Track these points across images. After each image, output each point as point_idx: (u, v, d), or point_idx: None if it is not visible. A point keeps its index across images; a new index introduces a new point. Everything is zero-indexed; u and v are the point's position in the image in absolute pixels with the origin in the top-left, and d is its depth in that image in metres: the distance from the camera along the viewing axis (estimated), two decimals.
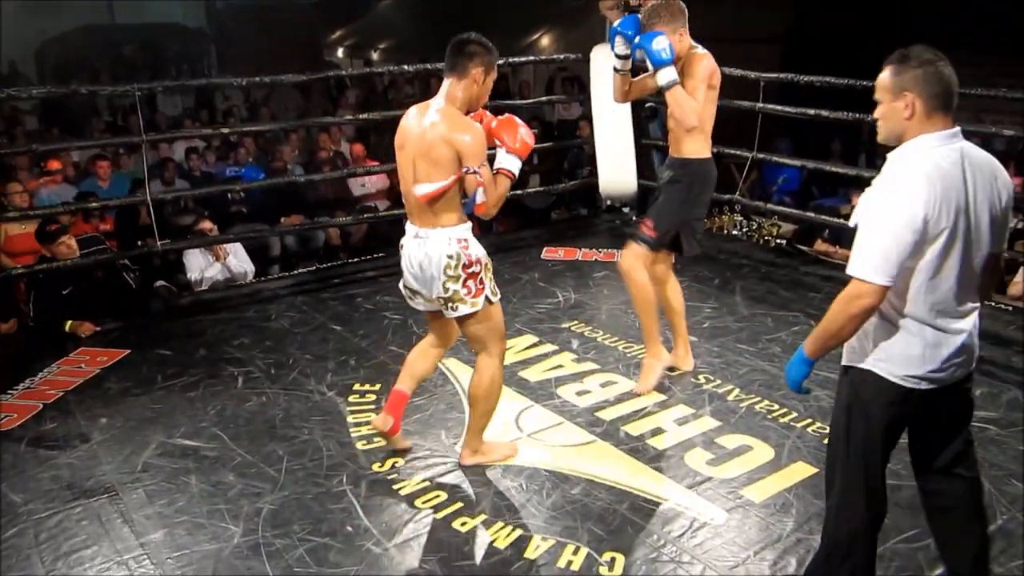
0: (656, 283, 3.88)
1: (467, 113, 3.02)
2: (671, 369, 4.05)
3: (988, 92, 4.89)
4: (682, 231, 3.79)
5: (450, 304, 3.02)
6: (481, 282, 3.02)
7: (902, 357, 2.18)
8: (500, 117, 3.09)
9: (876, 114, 2.18)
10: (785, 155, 7.06)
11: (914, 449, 2.38)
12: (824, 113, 5.42)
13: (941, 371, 2.18)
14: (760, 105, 5.69)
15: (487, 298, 3.05)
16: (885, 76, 2.13)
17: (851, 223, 2.19)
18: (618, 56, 3.66)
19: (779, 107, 5.81)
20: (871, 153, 8.54)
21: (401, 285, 3.20)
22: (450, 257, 2.97)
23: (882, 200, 2.09)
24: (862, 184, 6.36)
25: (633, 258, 3.76)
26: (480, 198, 2.93)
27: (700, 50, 3.60)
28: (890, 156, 2.15)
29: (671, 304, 3.99)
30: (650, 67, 3.48)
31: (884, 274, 2.07)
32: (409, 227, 3.07)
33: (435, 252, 2.98)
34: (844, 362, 2.29)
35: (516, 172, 3.02)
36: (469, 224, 3.06)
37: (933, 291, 2.14)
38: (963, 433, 2.33)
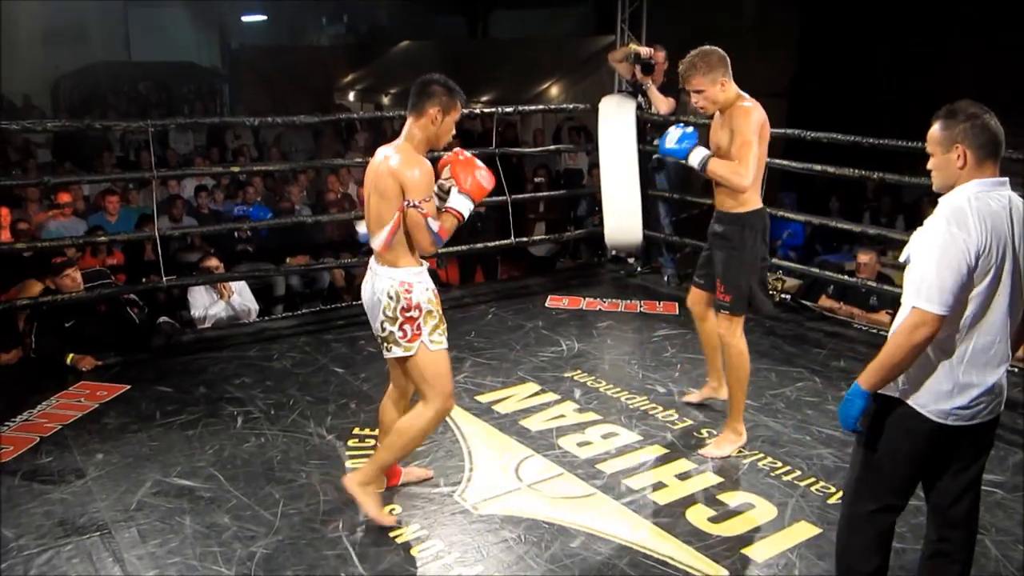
0: (699, 319, 3.98)
1: (428, 152, 3.06)
2: (701, 404, 4.18)
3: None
4: (753, 286, 3.70)
5: (385, 344, 3.05)
6: (418, 328, 2.99)
7: (933, 391, 2.27)
8: (462, 157, 3.11)
9: (930, 165, 2.32)
10: (790, 210, 7.09)
11: (930, 490, 2.42)
12: (830, 169, 5.45)
13: (967, 408, 2.27)
14: (767, 160, 5.72)
15: (423, 344, 3.01)
16: (936, 130, 2.28)
17: (901, 259, 2.34)
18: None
19: (786, 162, 5.85)
20: (875, 211, 8.59)
21: None
22: (390, 297, 2.99)
23: (939, 234, 2.20)
24: (867, 240, 6.39)
25: (726, 327, 3.72)
26: (434, 226, 2.94)
27: (747, 102, 3.52)
28: (941, 200, 2.28)
29: (711, 340, 4.00)
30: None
31: (942, 304, 2.17)
32: (371, 259, 3.12)
33: (378, 289, 3.03)
34: (879, 391, 2.33)
35: (464, 213, 3.03)
36: (421, 267, 3.06)
37: (974, 329, 2.25)
38: (977, 483, 2.39)
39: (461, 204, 3.03)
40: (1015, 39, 9.12)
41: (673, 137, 3.52)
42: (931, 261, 2.19)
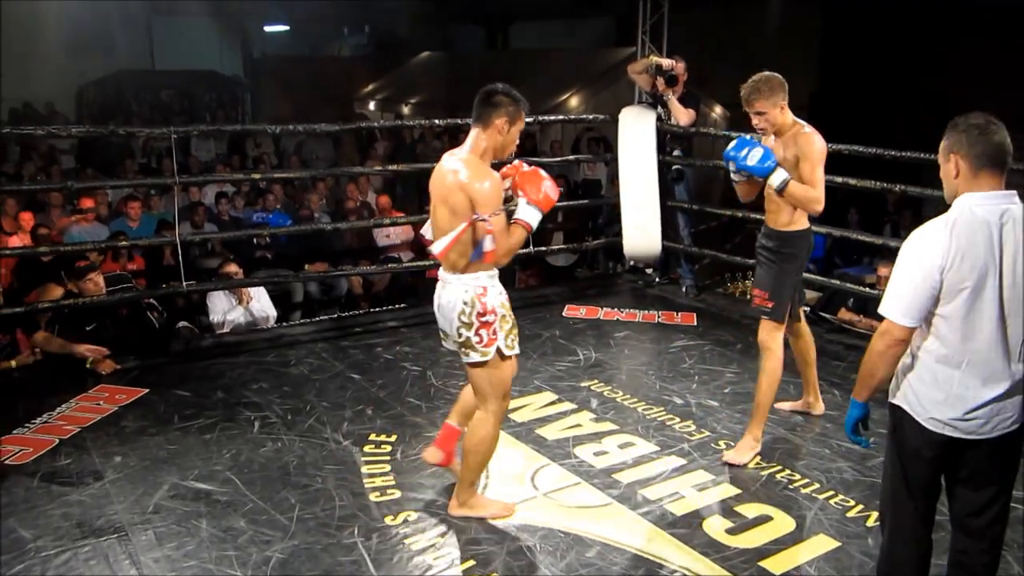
0: (791, 336, 4.03)
1: (493, 162, 3.05)
2: (804, 414, 4.21)
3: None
4: (794, 297, 3.90)
5: (463, 349, 3.07)
6: (494, 332, 3.03)
7: (927, 400, 2.30)
8: (526, 169, 3.10)
9: (941, 176, 2.31)
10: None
11: (950, 500, 2.41)
12: (852, 181, 5.41)
13: (965, 421, 2.27)
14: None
15: (499, 350, 3.05)
16: (942, 141, 2.28)
17: None
18: (733, 173, 3.77)
19: None
20: (896, 224, 8.53)
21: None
22: (465, 304, 3.00)
23: (907, 247, 2.26)
24: (887, 253, 6.34)
25: (768, 332, 3.81)
26: (488, 246, 2.92)
27: (808, 128, 3.66)
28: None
29: (805, 356, 4.12)
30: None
31: (904, 315, 2.24)
32: (440, 271, 3.13)
33: (453, 297, 3.03)
34: (889, 399, 2.41)
35: (534, 224, 3.02)
36: (493, 272, 3.06)
37: (964, 344, 2.24)
38: (1000, 499, 2.35)
39: (531, 216, 3.01)
40: None
41: (755, 155, 3.57)
42: (897, 274, 2.26)
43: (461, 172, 2.96)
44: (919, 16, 10.66)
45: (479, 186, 2.92)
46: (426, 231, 3.22)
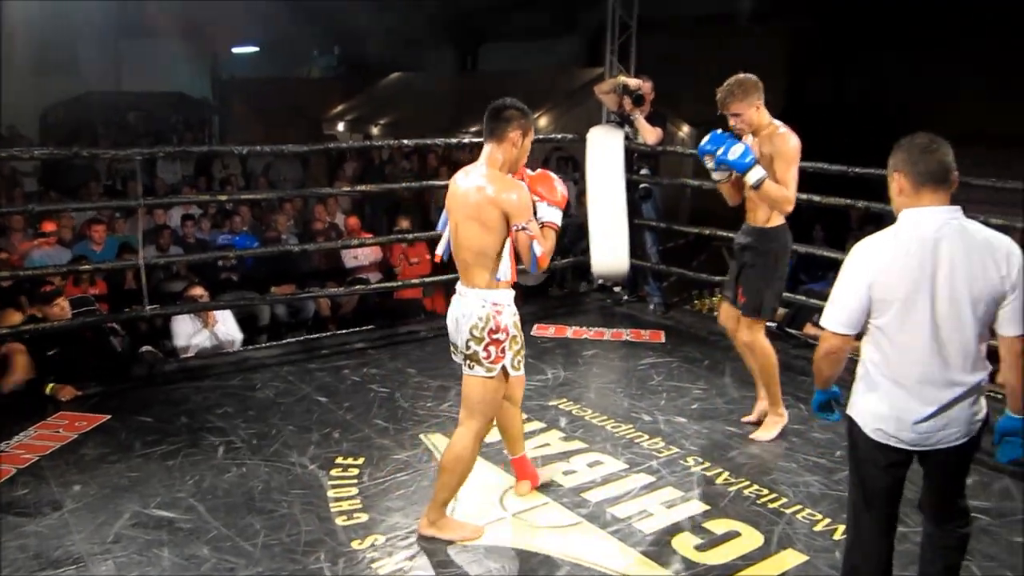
0: (732, 335, 4.22)
1: (508, 174, 3.11)
2: (758, 423, 4.26)
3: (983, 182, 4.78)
4: (772, 293, 4.04)
5: (468, 362, 3.09)
6: (503, 351, 3.06)
7: (871, 413, 2.40)
8: (533, 173, 3.20)
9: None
10: None
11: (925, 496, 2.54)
12: (816, 198, 5.48)
13: (910, 433, 2.35)
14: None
15: (504, 368, 3.09)
16: (888, 160, 2.39)
17: None
18: (713, 170, 3.88)
19: None
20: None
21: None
22: (479, 319, 3.04)
23: (848, 258, 2.39)
24: None
25: (751, 330, 4.04)
26: (539, 251, 3.00)
27: (783, 128, 3.78)
28: None
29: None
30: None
31: (839, 324, 2.37)
32: (458, 284, 3.18)
33: (468, 310, 3.08)
34: (847, 410, 2.52)
35: (559, 223, 3.12)
36: (510, 292, 3.12)
37: (902, 357, 2.33)
38: (954, 494, 2.49)
39: (556, 216, 3.11)
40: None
41: (736, 150, 3.65)
42: (838, 282, 2.39)
43: (488, 187, 3.00)
44: (886, 37, 10.87)
45: (511, 197, 2.97)
46: (442, 249, 3.33)
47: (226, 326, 5.84)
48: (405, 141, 7.08)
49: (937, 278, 2.26)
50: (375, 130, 15.89)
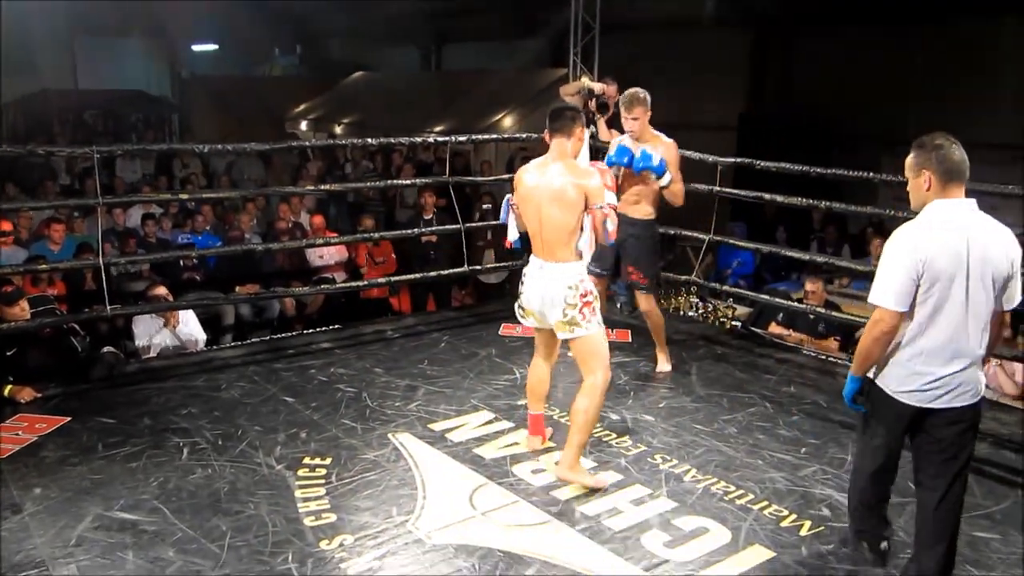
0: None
1: None
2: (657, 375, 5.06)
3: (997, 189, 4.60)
4: (657, 270, 5.07)
5: (570, 327, 3.57)
6: (594, 310, 3.58)
7: (903, 377, 2.74)
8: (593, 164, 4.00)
9: (908, 188, 2.76)
10: (740, 239, 7.21)
11: (915, 468, 2.85)
12: (779, 199, 5.56)
13: (922, 391, 2.71)
14: (717, 189, 5.83)
15: (598, 324, 3.60)
16: (910, 158, 2.73)
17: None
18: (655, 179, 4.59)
19: (737, 191, 5.95)
20: (821, 241, 8.77)
21: (516, 306, 3.82)
22: (570, 288, 3.54)
23: (894, 245, 2.68)
24: (814, 269, 6.52)
25: (647, 302, 4.97)
26: (611, 227, 3.57)
27: (666, 138, 4.61)
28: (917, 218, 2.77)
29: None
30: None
31: (895, 302, 2.65)
32: (534, 260, 3.68)
33: (558, 284, 3.56)
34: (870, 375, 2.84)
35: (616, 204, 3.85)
36: (584, 261, 3.67)
37: (938, 329, 2.66)
38: (951, 459, 2.76)
39: (614, 199, 3.84)
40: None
41: (656, 156, 4.31)
42: (887, 265, 2.67)
43: (568, 175, 3.56)
44: (848, 40, 11.04)
45: (591, 182, 3.56)
46: (514, 236, 3.83)
47: (188, 326, 5.76)
48: (370, 140, 7.03)
49: (971, 261, 2.61)
50: (338, 129, 15.78)
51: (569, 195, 3.53)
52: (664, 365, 5.13)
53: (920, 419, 2.75)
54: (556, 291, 3.57)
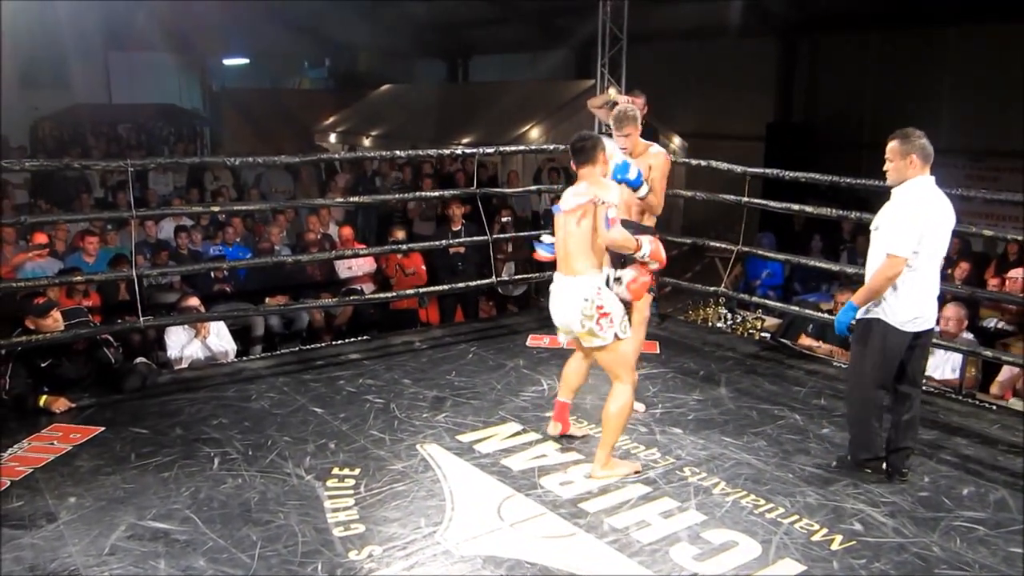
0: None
1: None
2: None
3: (994, 196, 5.05)
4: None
5: (588, 337, 3.81)
6: (611, 322, 3.75)
7: (906, 311, 3.63)
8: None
9: (887, 167, 3.66)
10: (769, 250, 7.16)
11: (905, 366, 3.76)
12: (808, 209, 5.52)
13: (913, 323, 3.65)
14: (746, 199, 5.80)
15: (615, 335, 3.77)
16: (896, 144, 3.62)
17: (872, 228, 3.74)
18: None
19: (765, 202, 5.91)
20: (852, 251, 8.69)
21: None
22: (586, 300, 3.74)
23: (906, 209, 3.57)
24: (845, 280, 6.46)
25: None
26: (612, 214, 3.75)
27: (656, 148, 4.71)
28: (896, 190, 3.65)
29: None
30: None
31: (908, 251, 3.53)
32: (555, 276, 3.93)
33: (574, 297, 3.77)
34: (867, 316, 3.70)
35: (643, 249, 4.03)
36: (603, 274, 3.83)
37: (927, 273, 3.61)
38: (918, 367, 3.82)
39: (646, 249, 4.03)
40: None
41: (634, 171, 4.30)
42: (903, 223, 3.54)
43: (588, 189, 3.80)
44: (872, 49, 10.98)
45: (602, 190, 3.80)
46: (546, 246, 4.27)
47: (219, 338, 5.82)
48: (398, 152, 7.08)
49: (946, 222, 3.60)
50: (367, 141, 15.91)
51: (583, 204, 3.76)
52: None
53: (912, 341, 3.68)
54: (572, 304, 3.77)
